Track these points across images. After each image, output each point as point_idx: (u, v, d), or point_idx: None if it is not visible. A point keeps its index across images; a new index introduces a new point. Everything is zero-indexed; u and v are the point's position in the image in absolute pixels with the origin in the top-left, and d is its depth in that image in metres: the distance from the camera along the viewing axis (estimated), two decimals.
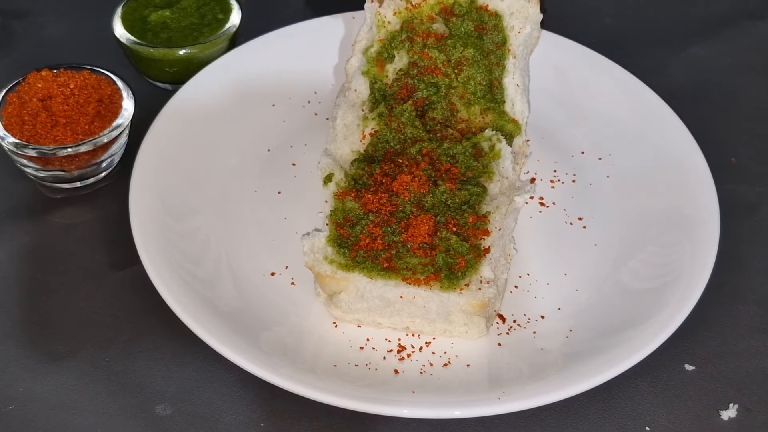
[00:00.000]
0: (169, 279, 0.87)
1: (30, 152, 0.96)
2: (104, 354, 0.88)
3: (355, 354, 0.86)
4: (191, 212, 0.96)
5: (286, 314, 0.89)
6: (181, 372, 0.87)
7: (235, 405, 0.85)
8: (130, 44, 1.08)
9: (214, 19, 1.11)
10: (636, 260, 0.94)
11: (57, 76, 1.00)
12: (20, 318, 0.91)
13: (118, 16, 1.10)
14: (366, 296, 0.86)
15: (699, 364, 0.89)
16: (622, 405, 0.85)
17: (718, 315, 0.92)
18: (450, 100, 0.99)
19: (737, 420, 0.85)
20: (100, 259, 0.95)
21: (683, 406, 0.86)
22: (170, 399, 0.85)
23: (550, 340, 0.88)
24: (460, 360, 0.86)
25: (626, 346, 0.84)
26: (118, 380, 0.86)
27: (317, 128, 1.06)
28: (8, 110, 0.98)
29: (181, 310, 0.85)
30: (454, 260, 0.86)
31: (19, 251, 0.96)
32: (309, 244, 0.87)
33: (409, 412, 0.80)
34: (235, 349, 0.82)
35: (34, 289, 0.93)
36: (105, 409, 0.84)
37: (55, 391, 0.85)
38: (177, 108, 1.02)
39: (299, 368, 0.83)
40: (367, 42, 1.03)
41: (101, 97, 1.00)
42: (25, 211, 1.00)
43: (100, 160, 1.00)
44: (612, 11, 1.25)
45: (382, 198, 0.90)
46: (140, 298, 0.91)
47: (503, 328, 0.89)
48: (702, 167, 0.99)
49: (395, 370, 0.85)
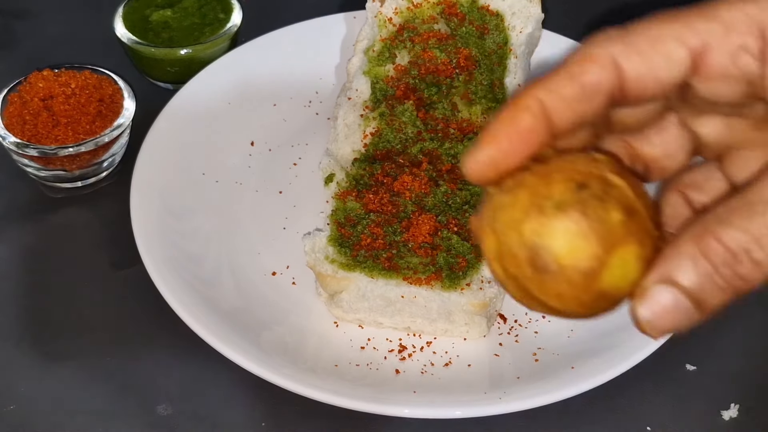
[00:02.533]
0: (170, 278, 0.87)
1: (31, 152, 0.96)
2: (105, 354, 0.88)
3: (356, 354, 0.86)
4: (192, 212, 0.96)
5: (287, 314, 0.89)
6: (182, 372, 0.87)
7: (236, 405, 0.85)
8: (131, 44, 1.08)
9: (215, 19, 1.11)
10: None
11: (58, 76, 1.00)
12: (20, 318, 0.91)
13: (119, 15, 1.10)
14: (367, 296, 0.86)
15: (700, 364, 0.88)
16: (624, 404, 0.85)
17: (719, 314, 0.92)
18: (451, 100, 0.99)
19: (738, 420, 0.85)
20: (101, 259, 0.95)
21: (684, 405, 0.86)
22: (171, 399, 0.85)
23: (552, 340, 0.87)
24: (462, 360, 0.86)
25: (627, 345, 0.83)
26: (118, 380, 0.86)
27: (318, 128, 1.06)
28: (9, 110, 0.98)
29: (182, 309, 0.85)
30: (455, 260, 0.86)
31: (20, 251, 0.96)
32: (310, 243, 0.87)
33: (410, 412, 0.80)
34: (236, 349, 0.82)
35: (35, 288, 0.93)
36: (106, 409, 0.84)
37: (56, 390, 0.85)
38: (178, 108, 1.02)
39: (300, 368, 0.83)
40: (369, 41, 1.03)
41: (102, 96, 1.00)
42: (25, 211, 1.00)
43: (102, 159, 1.00)
44: (613, 10, 1.25)
45: (383, 198, 0.90)
46: (141, 297, 0.91)
47: (504, 327, 0.89)
48: None
49: (396, 370, 0.85)
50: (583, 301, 0.49)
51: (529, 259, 0.48)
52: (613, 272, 0.48)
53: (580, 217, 0.47)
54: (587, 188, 0.47)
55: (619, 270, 0.48)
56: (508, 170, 0.48)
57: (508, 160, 0.48)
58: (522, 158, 0.48)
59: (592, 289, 0.48)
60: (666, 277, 0.48)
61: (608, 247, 0.47)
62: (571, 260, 0.47)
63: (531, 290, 0.49)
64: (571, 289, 0.48)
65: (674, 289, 0.48)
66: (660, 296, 0.48)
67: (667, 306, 0.48)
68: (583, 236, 0.47)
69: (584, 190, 0.47)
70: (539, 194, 0.47)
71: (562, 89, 0.48)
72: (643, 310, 0.48)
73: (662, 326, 0.49)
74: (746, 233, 0.47)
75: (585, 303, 0.49)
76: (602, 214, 0.47)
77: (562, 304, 0.49)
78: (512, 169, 0.49)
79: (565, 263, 0.47)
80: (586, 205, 0.47)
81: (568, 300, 0.48)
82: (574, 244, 0.47)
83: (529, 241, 0.47)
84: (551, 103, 0.48)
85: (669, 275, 0.48)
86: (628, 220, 0.48)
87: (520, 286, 0.49)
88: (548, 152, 0.49)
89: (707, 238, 0.47)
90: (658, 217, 0.50)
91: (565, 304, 0.49)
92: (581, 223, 0.47)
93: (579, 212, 0.47)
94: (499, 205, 0.49)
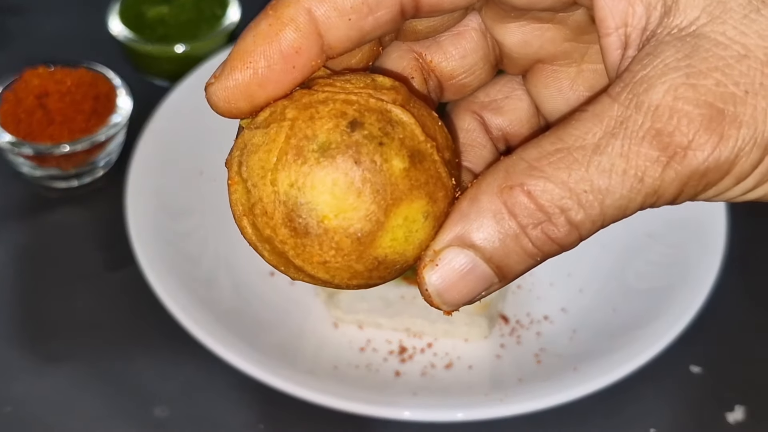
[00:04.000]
0: (166, 279, 0.86)
1: (26, 150, 0.95)
2: (102, 355, 0.87)
3: (355, 355, 0.86)
4: (189, 211, 0.96)
5: (286, 315, 0.89)
6: (180, 373, 0.86)
7: (234, 406, 0.84)
8: (127, 41, 1.07)
9: (212, 15, 1.10)
10: (641, 260, 0.93)
11: (53, 73, 0.99)
12: (16, 319, 0.90)
13: (114, 12, 1.09)
14: (366, 296, 0.85)
15: (705, 366, 0.88)
16: (627, 407, 0.85)
17: (724, 316, 0.91)
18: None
19: (743, 423, 0.84)
20: (97, 259, 0.95)
21: (689, 408, 0.85)
22: (168, 401, 0.84)
23: (554, 341, 0.87)
24: (462, 361, 0.85)
25: (631, 347, 0.83)
26: (115, 382, 0.85)
27: None
28: (4, 108, 0.97)
29: (178, 310, 0.84)
30: None
31: (15, 250, 0.95)
32: None
33: (410, 414, 0.80)
34: (234, 350, 0.82)
35: (30, 289, 0.92)
36: (102, 411, 0.83)
37: (53, 392, 0.84)
38: (174, 105, 1.02)
39: (299, 370, 0.82)
40: None
41: (98, 94, 0.99)
42: (20, 211, 0.99)
43: (97, 158, 0.99)
44: None
45: None
46: (138, 298, 0.90)
47: (506, 329, 0.88)
48: None
49: (396, 372, 0.84)
50: (355, 270, 0.39)
51: (286, 218, 0.38)
52: (393, 235, 0.39)
53: (351, 166, 0.37)
54: (362, 127, 0.38)
55: (402, 232, 0.39)
56: (266, 100, 0.39)
57: (266, 87, 0.39)
58: (284, 86, 0.39)
59: (367, 256, 0.39)
60: (461, 237, 0.39)
61: (388, 204, 0.38)
62: (340, 221, 0.38)
63: (290, 257, 0.39)
64: (340, 256, 0.39)
65: (471, 252, 0.39)
66: (454, 261, 0.39)
67: (463, 272, 0.40)
68: (355, 190, 0.38)
69: (358, 130, 0.38)
70: (300, 133, 0.38)
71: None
72: (433, 278, 0.40)
73: (455, 297, 0.41)
74: (563, 187, 0.37)
75: (358, 273, 0.40)
76: (380, 162, 0.38)
77: (329, 275, 0.40)
78: (271, 99, 0.39)
79: (332, 225, 0.38)
80: (360, 150, 0.37)
81: (337, 270, 0.39)
82: (343, 200, 0.38)
83: (286, 194, 0.38)
84: (323, 15, 0.38)
85: (465, 235, 0.39)
86: (414, 168, 0.38)
87: (277, 251, 0.40)
88: (317, 73, 0.40)
89: (514, 190, 0.38)
90: (455, 158, 0.41)
91: (332, 274, 0.39)
92: (353, 172, 0.37)
93: (350, 158, 0.37)
94: (249, 145, 0.39)
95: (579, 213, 0.38)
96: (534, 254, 0.39)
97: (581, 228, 0.38)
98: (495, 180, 0.38)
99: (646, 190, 0.37)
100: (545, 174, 0.37)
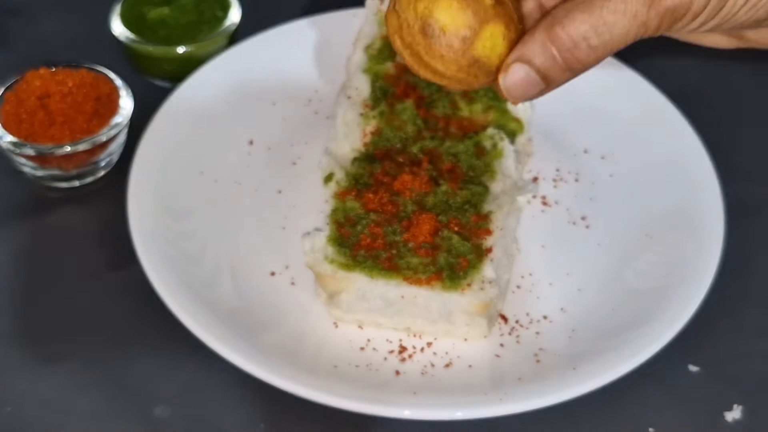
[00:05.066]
0: (167, 279, 0.87)
1: (28, 151, 0.95)
2: (102, 355, 0.87)
3: (355, 355, 0.86)
4: (190, 211, 0.96)
5: (286, 314, 0.89)
6: (181, 373, 0.86)
7: (234, 406, 0.84)
8: (129, 42, 1.07)
9: (213, 17, 1.10)
10: (640, 260, 0.93)
11: (55, 74, 0.99)
12: (17, 319, 0.90)
13: (116, 13, 1.09)
14: (367, 296, 0.85)
15: (704, 366, 0.88)
16: (626, 406, 0.85)
17: (723, 316, 0.91)
18: (452, 98, 0.98)
19: (742, 422, 0.84)
20: (98, 259, 0.95)
21: (687, 407, 0.85)
22: (169, 400, 0.84)
23: (553, 341, 0.87)
24: (462, 361, 0.85)
25: (630, 346, 0.83)
26: (116, 381, 0.85)
27: (318, 127, 1.05)
28: (6, 108, 0.97)
29: (180, 310, 0.84)
30: (456, 260, 0.85)
31: (16, 251, 0.95)
32: (309, 243, 0.87)
33: (410, 414, 0.80)
34: (235, 350, 0.82)
35: (31, 289, 0.92)
36: (103, 411, 0.83)
37: (53, 392, 0.85)
38: (175, 106, 1.02)
39: (299, 369, 0.82)
40: (368, 39, 1.03)
41: (99, 95, 0.99)
42: (22, 211, 0.99)
43: (98, 159, 0.99)
44: None
45: (383, 197, 0.89)
46: (139, 298, 0.90)
47: (505, 328, 0.88)
48: (707, 167, 0.98)
49: (396, 371, 0.84)
50: (461, 64, 0.65)
51: (421, 28, 0.65)
52: (484, 43, 0.65)
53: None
54: None
55: (489, 42, 0.65)
56: None
57: None
58: None
59: (468, 54, 0.65)
60: (522, 56, 0.65)
61: (481, 22, 0.64)
62: (452, 27, 0.64)
63: (421, 54, 0.66)
64: (452, 51, 0.65)
65: (527, 67, 0.65)
66: (517, 71, 0.65)
67: (523, 78, 0.65)
68: (462, 11, 0.64)
69: None
70: None
71: None
72: (505, 81, 0.66)
73: (517, 94, 0.66)
74: (585, 23, 0.62)
75: (462, 67, 0.65)
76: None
77: (444, 66, 0.65)
78: None
79: (447, 29, 0.64)
80: None
81: (449, 62, 0.65)
82: (455, 15, 0.64)
83: (422, 14, 0.64)
84: None
85: (524, 55, 0.65)
86: (498, 5, 0.65)
87: (414, 52, 0.66)
88: None
89: (555, 27, 0.63)
90: (520, 12, 0.68)
91: (446, 66, 0.65)
92: (461, 1, 0.64)
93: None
94: None
95: (596, 39, 0.63)
96: (566, 70, 0.65)
97: (597, 50, 0.63)
98: (543, 23, 0.64)
99: (638, 23, 0.62)
100: (575, 17, 0.63)
